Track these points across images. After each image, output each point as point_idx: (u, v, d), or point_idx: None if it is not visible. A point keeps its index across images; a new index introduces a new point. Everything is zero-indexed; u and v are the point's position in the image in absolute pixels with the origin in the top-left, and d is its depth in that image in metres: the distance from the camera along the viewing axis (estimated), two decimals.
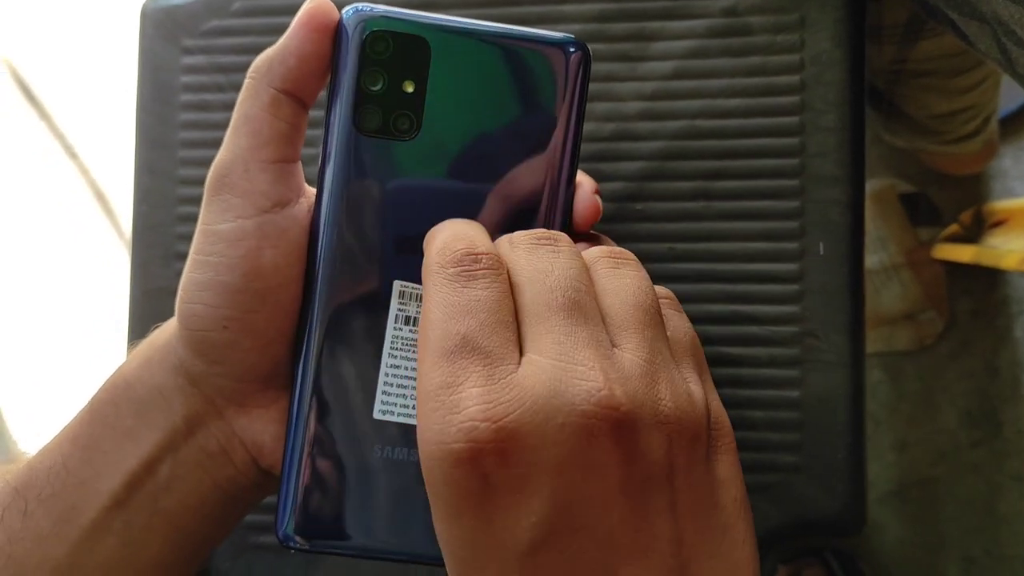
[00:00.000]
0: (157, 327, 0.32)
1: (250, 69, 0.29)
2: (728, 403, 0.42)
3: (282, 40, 0.29)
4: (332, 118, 0.29)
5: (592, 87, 0.44)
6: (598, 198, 0.31)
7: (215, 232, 0.29)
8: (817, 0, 0.42)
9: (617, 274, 0.27)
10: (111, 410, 0.31)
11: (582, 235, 0.31)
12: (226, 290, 0.28)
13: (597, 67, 0.44)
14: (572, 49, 0.29)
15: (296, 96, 0.29)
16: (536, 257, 0.26)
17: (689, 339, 0.28)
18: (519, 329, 0.25)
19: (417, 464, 0.28)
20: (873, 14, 0.45)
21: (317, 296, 0.29)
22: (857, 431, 0.42)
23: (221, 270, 0.29)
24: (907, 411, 0.92)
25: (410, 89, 0.29)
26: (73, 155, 1.18)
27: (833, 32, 0.42)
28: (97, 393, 0.31)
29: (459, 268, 0.25)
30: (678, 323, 0.28)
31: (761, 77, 0.43)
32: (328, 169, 0.29)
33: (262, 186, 0.29)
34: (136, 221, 0.47)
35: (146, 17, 0.48)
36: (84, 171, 1.17)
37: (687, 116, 0.43)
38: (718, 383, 0.42)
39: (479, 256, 0.26)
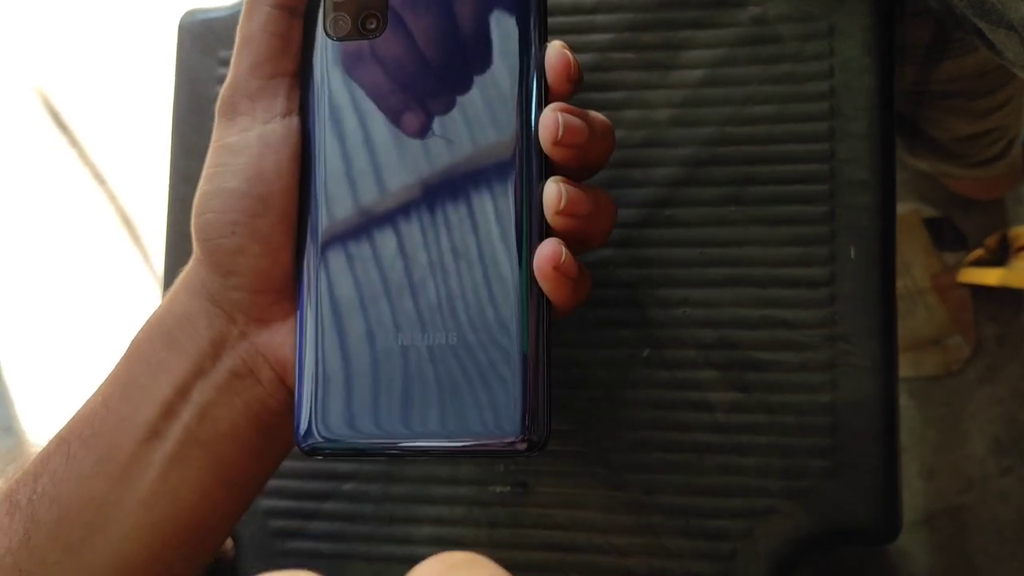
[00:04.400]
0: (184, 268, 0.33)
1: None
2: (760, 408, 0.42)
3: None
4: (306, 30, 0.32)
5: (623, 95, 0.45)
6: (568, 52, 0.31)
7: (222, 146, 0.31)
8: (846, 8, 0.43)
9: None
10: (147, 346, 0.32)
11: (563, 97, 0.31)
12: (231, 195, 0.30)
13: (628, 75, 0.44)
14: None
15: (287, 6, 0.31)
16: None
17: None
18: None
19: (429, 349, 0.29)
20: (896, 34, 0.45)
21: (313, 198, 0.31)
22: (890, 436, 0.41)
23: (227, 178, 0.30)
24: (934, 438, 0.91)
25: None
26: (102, 181, 1.20)
27: (862, 39, 0.42)
28: (135, 335, 0.32)
29: None
30: None
31: (790, 84, 0.43)
32: (307, 78, 0.32)
33: (263, 101, 0.31)
34: (170, 229, 0.48)
35: (184, 29, 0.49)
36: (112, 198, 1.19)
37: (717, 123, 0.43)
38: (749, 388, 0.42)
39: None
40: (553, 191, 0.30)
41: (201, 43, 0.48)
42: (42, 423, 1.13)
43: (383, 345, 0.30)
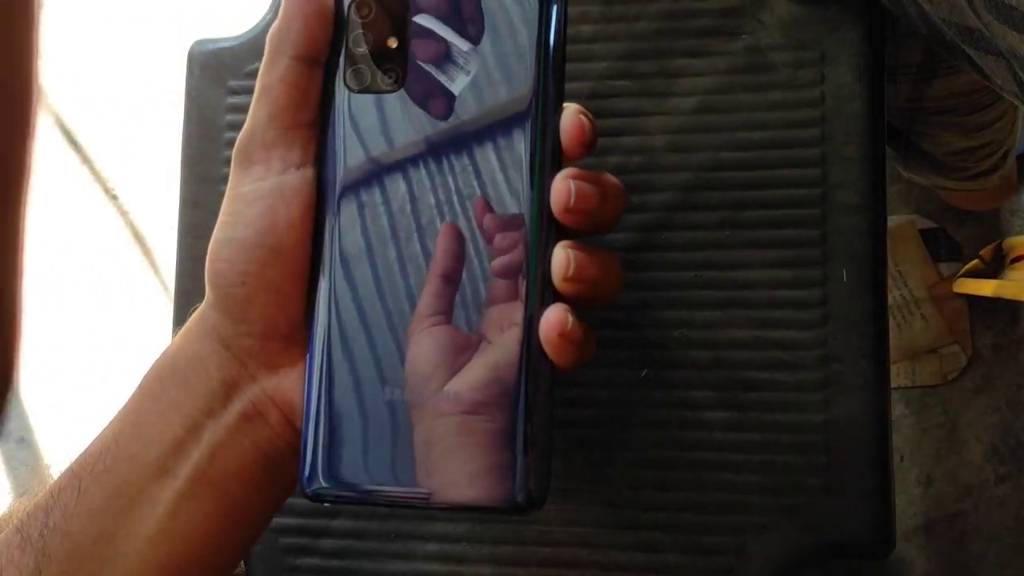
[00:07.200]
0: (196, 307, 0.34)
1: (266, 41, 0.31)
2: (755, 427, 0.43)
3: (283, 7, 0.31)
4: (325, 82, 0.32)
5: (620, 122, 0.46)
6: (583, 118, 0.31)
7: (237, 195, 0.31)
8: (837, 36, 0.44)
9: None
10: (157, 384, 0.32)
11: (577, 160, 0.31)
12: (243, 246, 0.31)
13: (625, 103, 0.45)
14: None
15: (307, 58, 0.31)
16: None
17: None
18: None
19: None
20: (888, 55, 0.46)
21: (326, 249, 0.31)
22: (882, 453, 0.42)
23: (239, 228, 0.31)
24: (932, 446, 0.92)
25: (393, 45, 0.31)
26: (113, 197, 1.21)
27: (853, 66, 0.44)
28: (146, 372, 0.33)
29: None
30: None
31: (783, 111, 0.44)
32: (325, 130, 0.32)
33: (279, 151, 0.31)
34: (180, 253, 0.49)
35: (193, 59, 0.50)
36: (123, 213, 1.20)
37: (712, 149, 0.45)
38: (745, 407, 0.43)
39: None
40: (562, 257, 0.30)
41: (209, 72, 0.50)
42: (56, 435, 1.15)
43: (385, 396, 0.31)
